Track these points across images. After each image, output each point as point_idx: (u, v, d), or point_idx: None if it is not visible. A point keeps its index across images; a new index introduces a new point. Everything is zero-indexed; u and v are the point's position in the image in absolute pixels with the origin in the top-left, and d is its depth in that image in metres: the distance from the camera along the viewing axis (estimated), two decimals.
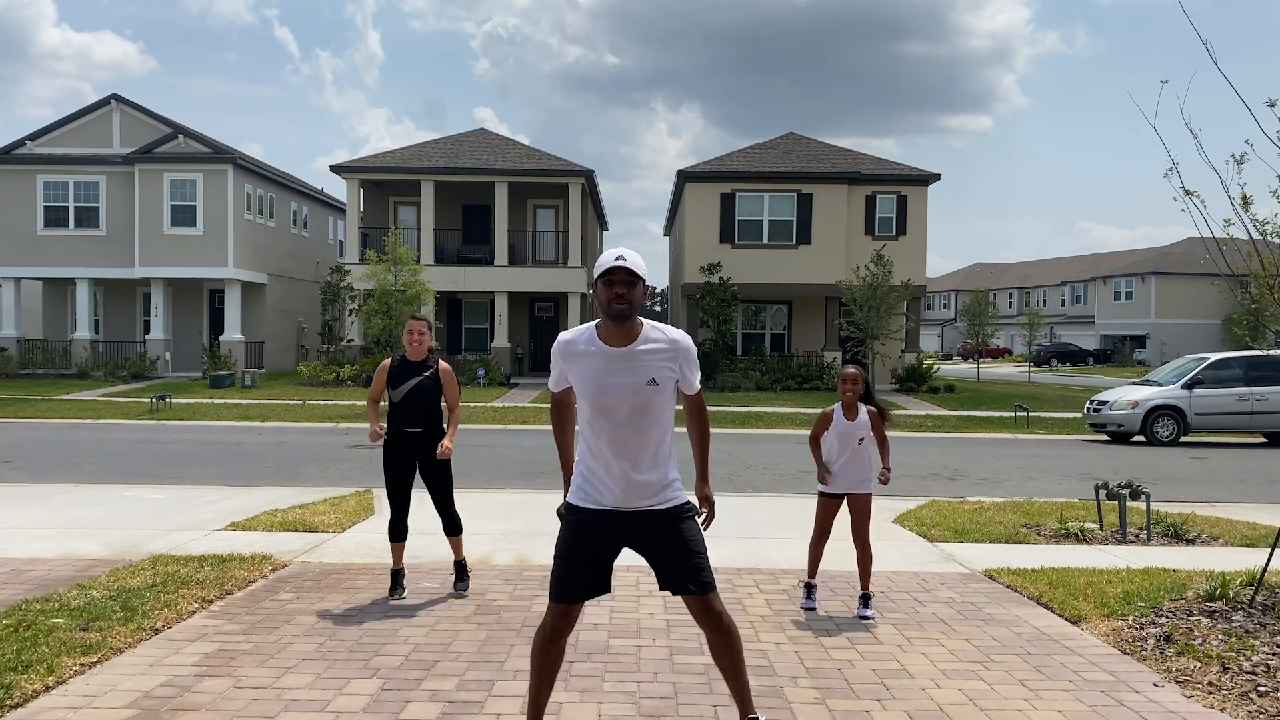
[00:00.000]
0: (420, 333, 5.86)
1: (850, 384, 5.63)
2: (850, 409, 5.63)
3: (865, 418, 5.62)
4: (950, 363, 55.73)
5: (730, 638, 3.46)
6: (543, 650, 3.45)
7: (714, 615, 3.41)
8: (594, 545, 3.40)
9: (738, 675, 3.51)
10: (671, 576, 3.41)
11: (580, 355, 3.36)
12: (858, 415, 5.62)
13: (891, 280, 25.74)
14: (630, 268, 3.25)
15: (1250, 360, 18.50)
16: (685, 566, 3.39)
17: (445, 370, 5.92)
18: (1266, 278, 6.18)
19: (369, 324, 22.64)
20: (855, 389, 5.63)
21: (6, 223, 28.70)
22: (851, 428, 5.61)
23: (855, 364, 5.81)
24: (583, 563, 3.39)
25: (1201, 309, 50.51)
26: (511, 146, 32.39)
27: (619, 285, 3.26)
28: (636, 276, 3.27)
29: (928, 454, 15.16)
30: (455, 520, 5.99)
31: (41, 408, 20.45)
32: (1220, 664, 4.61)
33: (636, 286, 3.28)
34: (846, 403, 5.64)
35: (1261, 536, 7.93)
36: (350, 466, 12.58)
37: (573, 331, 3.44)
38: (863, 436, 5.61)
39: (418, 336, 5.85)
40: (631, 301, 3.28)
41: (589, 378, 3.33)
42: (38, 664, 4.36)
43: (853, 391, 5.62)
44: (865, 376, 5.78)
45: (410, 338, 5.86)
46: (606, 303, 3.29)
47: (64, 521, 8.04)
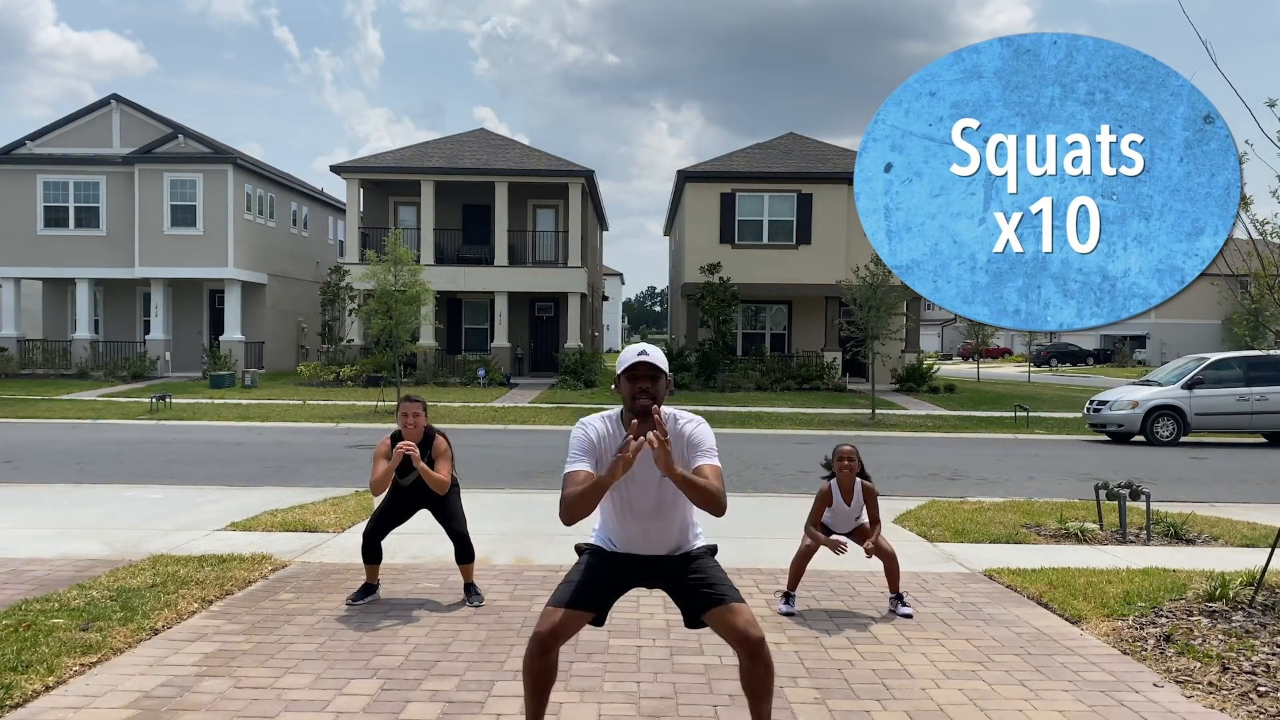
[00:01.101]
0: (415, 415, 5.65)
1: (847, 463, 5.63)
2: (847, 492, 5.67)
3: (860, 497, 5.68)
4: (950, 363, 55.72)
5: (767, 670, 3.36)
6: (531, 664, 3.37)
7: (753, 642, 3.31)
8: (608, 575, 3.54)
9: (763, 704, 3.42)
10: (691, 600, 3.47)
11: (605, 445, 3.41)
12: (854, 498, 5.67)
13: (891, 280, 25.71)
14: (654, 363, 3.31)
15: (1250, 360, 18.51)
16: (702, 585, 3.44)
17: (440, 449, 5.72)
18: (1266, 278, 6.18)
19: (369, 324, 22.61)
20: (853, 468, 5.65)
21: (6, 223, 28.69)
22: (849, 512, 5.69)
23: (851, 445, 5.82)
24: (596, 576, 3.51)
25: (1201, 309, 50.41)
26: (511, 146, 32.38)
27: (643, 380, 3.31)
28: (660, 371, 3.33)
29: (928, 454, 15.16)
30: (469, 549, 5.78)
31: (41, 408, 20.45)
32: (1220, 664, 4.61)
33: (659, 380, 3.33)
34: (844, 485, 5.66)
35: (1261, 536, 7.93)
36: (350, 466, 12.58)
37: (595, 419, 3.49)
38: (859, 515, 5.71)
39: (412, 420, 5.64)
40: (655, 396, 3.31)
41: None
42: (38, 664, 4.36)
43: (849, 469, 5.64)
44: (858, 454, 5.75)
45: (405, 421, 5.64)
46: (630, 398, 3.33)
47: (64, 521, 8.04)
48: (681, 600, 3.52)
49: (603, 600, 3.51)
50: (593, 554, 3.60)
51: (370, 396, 22.79)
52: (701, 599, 3.43)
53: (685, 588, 3.48)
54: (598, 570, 3.53)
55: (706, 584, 3.44)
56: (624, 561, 3.54)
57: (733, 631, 3.34)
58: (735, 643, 3.35)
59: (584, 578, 3.50)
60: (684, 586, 3.49)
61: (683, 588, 3.49)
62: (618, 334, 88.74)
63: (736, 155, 31.14)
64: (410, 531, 7.20)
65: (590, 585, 3.48)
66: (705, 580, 3.46)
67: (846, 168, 29.79)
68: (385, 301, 21.03)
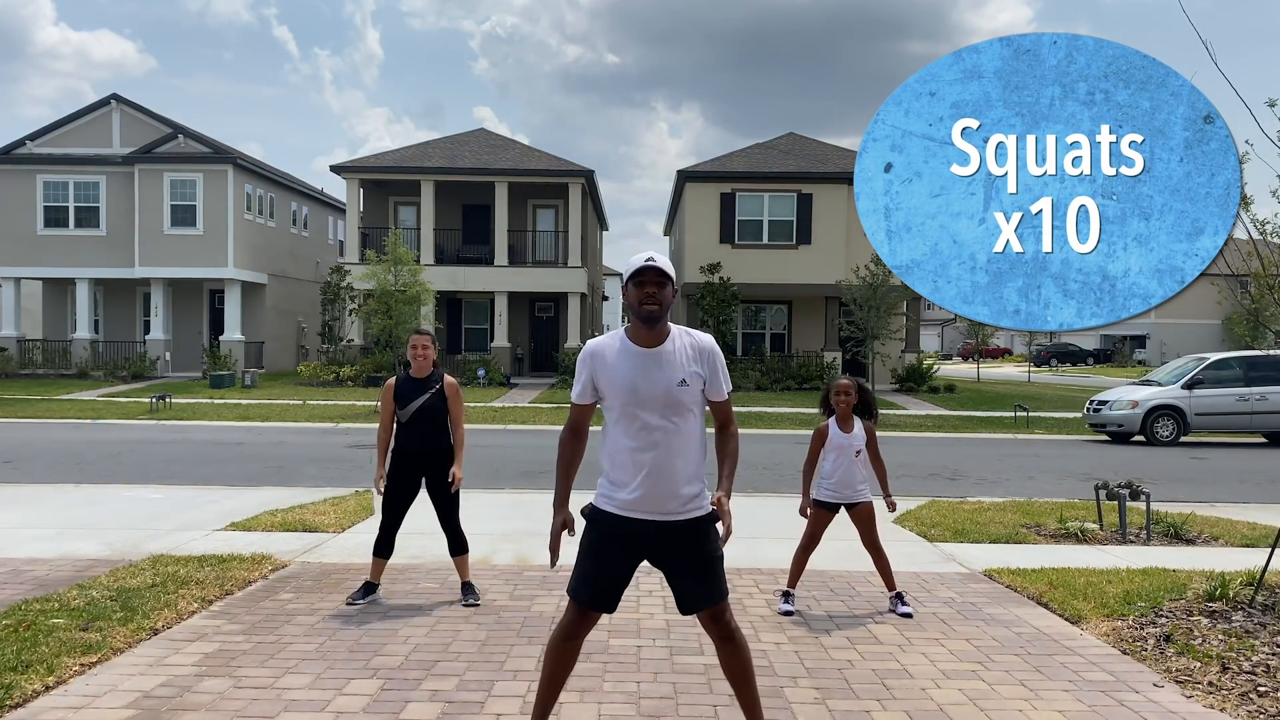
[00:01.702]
0: (424, 348, 5.68)
1: (844, 395, 5.60)
2: (845, 420, 5.62)
3: (861, 430, 5.62)
4: (950, 363, 55.72)
5: (740, 648, 3.45)
6: (556, 648, 3.45)
7: (723, 624, 3.42)
8: (616, 552, 3.42)
9: (748, 686, 3.48)
10: (690, 594, 3.43)
11: (609, 358, 3.37)
12: (853, 427, 5.62)
13: (891, 280, 25.74)
14: (661, 268, 3.28)
15: (1250, 360, 18.52)
16: (704, 581, 3.42)
17: (451, 386, 5.77)
18: (1266, 278, 6.18)
19: (369, 324, 22.65)
20: (850, 400, 5.61)
21: (6, 223, 28.70)
22: (848, 440, 5.61)
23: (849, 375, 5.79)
24: (603, 564, 3.43)
25: (1201, 309, 50.39)
26: (511, 146, 32.38)
27: (650, 285, 3.29)
28: (666, 277, 3.30)
29: (928, 454, 15.16)
30: (462, 539, 5.83)
31: (41, 408, 20.45)
32: (1220, 664, 4.61)
33: (666, 287, 3.30)
34: (841, 414, 5.62)
35: (1261, 536, 7.93)
36: (350, 466, 12.58)
37: (599, 338, 3.46)
38: (859, 449, 5.62)
39: (422, 352, 5.67)
40: (662, 302, 3.30)
41: (619, 378, 3.33)
42: (38, 664, 4.36)
43: (846, 402, 5.61)
44: (862, 384, 5.72)
45: (414, 353, 5.68)
46: (637, 304, 3.31)
47: (64, 521, 8.04)
48: (680, 588, 3.46)
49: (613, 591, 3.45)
50: (599, 529, 3.42)
51: (370, 396, 22.79)
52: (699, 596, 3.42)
53: (687, 578, 3.43)
54: (607, 556, 3.41)
55: (708, 585, 3.43)
56: (631, 530, 3.36)
57: (708, 618, 3.44)
58: (709, 626, 3.45)
59: (596, 570, 3.42)
60: (686, 576, 3.43)
61: (685, 577, 3.43)
62: None
63: (736, 155, 31.14)
64: (410, 531, 7.20)
65: (603, 580, 3.42)
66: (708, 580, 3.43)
67: (846, 168, 29.81)
68: (385, 301, 21.04)
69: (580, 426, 3.52)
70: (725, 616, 3.43)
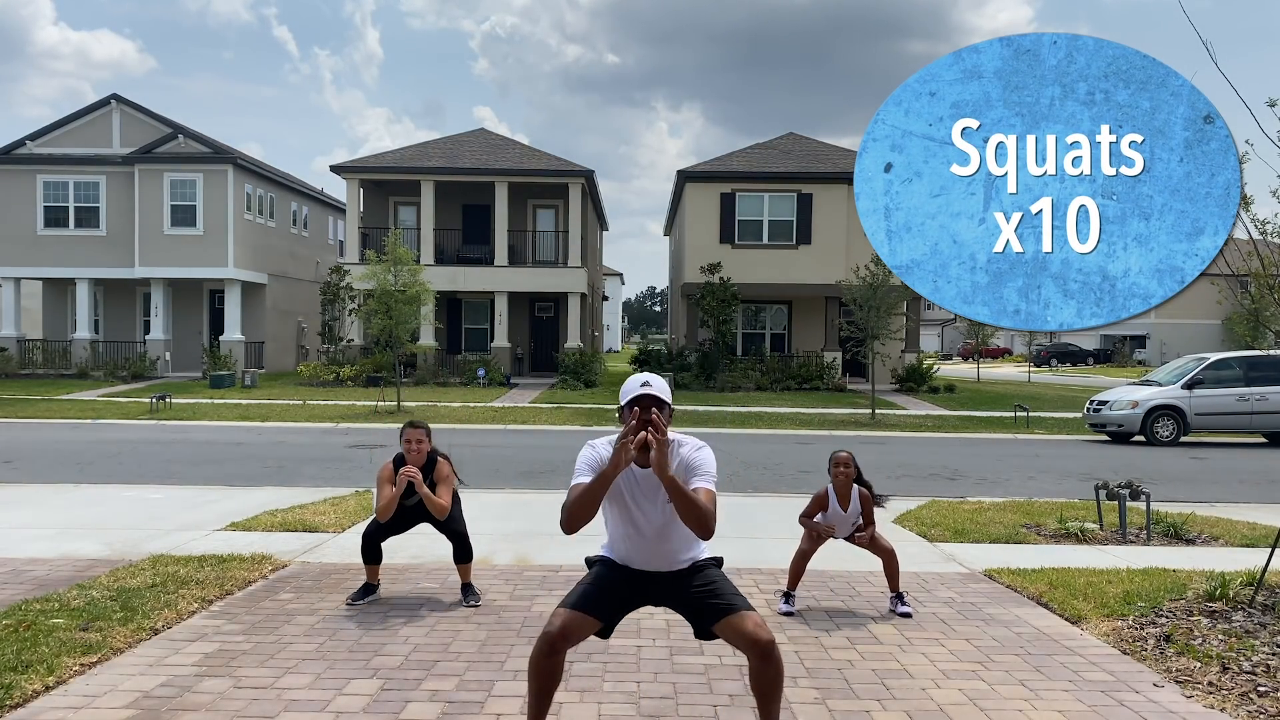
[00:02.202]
0: (419, 442, 5.64)
1: (843, 469, 5.60)
2: (844, 498, 5.65)
3: (858, 505, 5.67)
4: (950, 363, 55.71)
5: (778, 670, 3.38)
6: (539, 663, 3.39)
7: (763, 644, 3.32)
8: (620, 586, 3.57)
9: (773, 703, 3.44)
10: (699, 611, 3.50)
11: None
12: (850, 504, 5.66)
13: (891, 280, 25.72)
14: (656, 395, 3.34)
15: (1250, 360, 18.51)
16: (710, 595, 3.47)
17: (442, 474, 5.71)
18: (1266, 278, 6.18)
19: (369, 324, 22.62)
20: (849, 474, 5.62)
21: (6, 223, 28.69)
22: (844, 517, 5.68)
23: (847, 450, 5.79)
24: (608, 584, 3.55)
25: (1201, 309, 50.40)
26: (511, 146, 32.38)
27: (646, 413, 3.32)
28: (663, 403, 3.36)
29: (928, 454, 15.16)
30: (468, 549, 5.79)
31: (41, 408, 20.45)
32: (1220, 664, 4.61)
33: (663, 411, 3.35)
34: (840, 491, 5.64)
35: (1261, 536, 7.93)
36: (350, 466, 12.58)
37: (603, 442, 3.50)
38: (856, 521, 5.70)
39: (416, 447, 5.64)
40: (658, 427, 3.30)
41: (616, 495, 3.46)
42: (38, 664, 4.36)
43: (846, 476, 5.62)
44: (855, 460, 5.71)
45: (409, 448, 5.64)
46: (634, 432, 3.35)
47: (64, 521, 8.04)
48: (690, 613, 3.55)
49: (612, 610, 3.54)
50: (604, 564, 3.64)
51: (370, 396, 22.79)
52: (710, 610, 3.46)
53: (693, 600, 3.51)
54: (610, 579, 3.58)
55: (714, 595, 3.48)
56: (634, 575, 3.58)
57: (743, 636, 3.37)
58: (746, 647, 3.38)
59: (596, 585, 3.56)
60: (692, 599, 3.52)
61: (690, 601, 3.52)
62: (618, 334, 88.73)
63: (736, 155, 31.14)
64: (410, 531, 7.20)
65: (602, 592, 3.52)
66: (712, 592, 3.49)
67: (846, 168, 29.81)
68: (385, 301, 21.03)
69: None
70: (764, 636, 3.33)
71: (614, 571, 3.60)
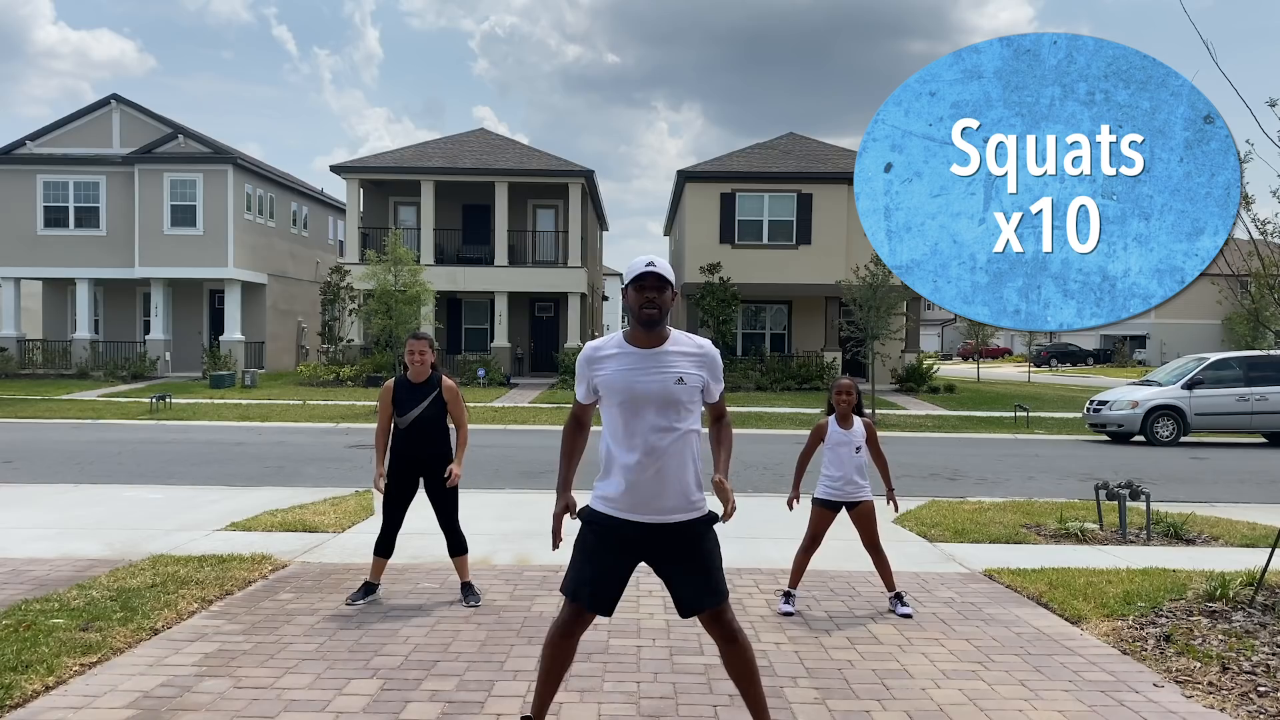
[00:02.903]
0: (421, 353, 5.61)
1: (845, 395, 5.68)
2: (845, 419, 5.68)
3: (860, 428, 5.66)
4: (950, 363, 55.71)
5: (743, 649, 3.47)
6: (553, 645, 3.48)
7: (725, 625, 3.43)
8: (612, 552, 3.42)
9: (753, 687, 3.49)
10: (689, 597, 3.43)
11: (608, 358, 3.42)
12: (853, 425, 5.67)
13: (891, 280, 25.73)
14: (660, 273, 3.34)
15: (1250, 360, 18.52)
16: (702, 582, 3.43)
17: (450, 389, 5.71)
18: (1266, 278, 6.18)
19: (369, 324, 22.65)
20: (851, 400, 5.68)
21: (6, 223, 28.69)
22: (848, 436, 5.66)
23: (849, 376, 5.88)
24: (599, 565, 3.42)
25: (1201, 309, 50.37)
26: (511, 146, 32.38)
27: (650, 290, 3.34)
28: (666, 282, 3.35)
29: (928, 454, 15.16)
30: (461, 539, 5.81)
31: (41, 408, 20.45)
32: (1220, 664, 4.61)
33: (666, 292, 3.35)
34: (842, 414, 5.68)
35: (1261, 536, 7.93)
36: (350, 466, 12.58)
37: (599, 340, 3.51)
38: (859, 445, 5.65)
39: (419, 357, 5.61)
40: (661, 306, 3.36)
41: (618, 378, 3.37)
42: (38, 664, 4.36)
43: (847, 402, 5.68)
44: (858, 386, 5.79)
45: (412, 358, 5.62)
46: (637, 307, 3.36)
47: (64, 521, 8.04)
48: (679, 591, 3.45)
49: (612, 594, 3.45)
50: (594, 531, 3.42)
51: (370, 397, 22.78)
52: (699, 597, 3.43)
53: (686, 580, 3.43)
54: (603, 557, 3.40)
55: (708, 587, 3.44)
56: (627, 532, 3.37)
57: (709, 620, 3.46)
58: (711, 628, 3.47)
59: (592, 571, 3.41)
60: (685, 578, 3.43)
61: (683, 579, 3.43)
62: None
63: (736, 155, 31.14)
64: (410, 531, 7.19)
65: (598, 581, 3.41)
66: (707, 581, 3.44)
67: (846, 168, 29.81)
68: (385, 301, 21.04)
69: (584, 418, 3.65)
70: (727, 617, 3.44)
71: (606, 541, 3.40)
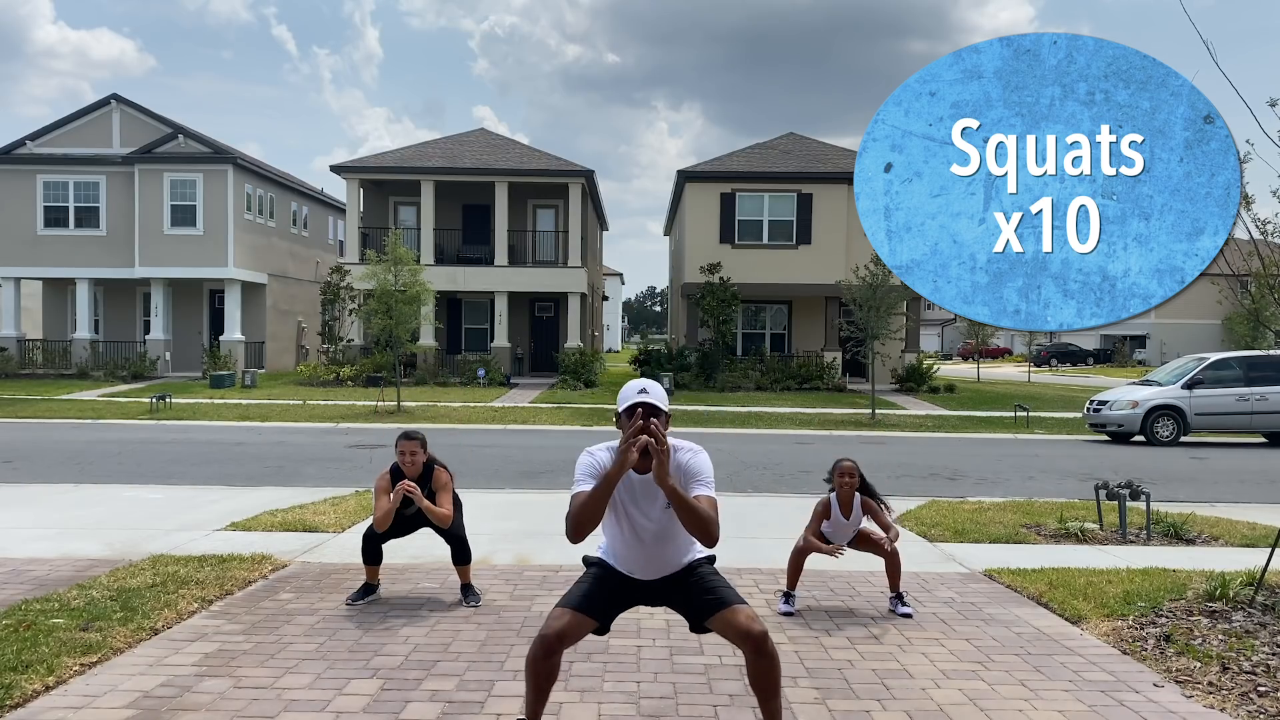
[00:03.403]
0: (413, 454, 5.62)
1: (848, 478, 5.60)
2: (846, 506, 5.65)
3: (859, 511, 5.66)
4: (950, 363, 55.70)
5: (773, 663, 3.40)
6: (535, 664, 3.41)
7: (756, 637, 3.35)
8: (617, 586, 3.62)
9: (771, 700, 3.47)
10: (695, 607, 3.54)
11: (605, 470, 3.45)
12: (853, 512, 5.65)
13: (891, 280, 25.73)
14: (653, 403, 3.36)
15: (1250, 360, 18.52)
16: (705, 592, 3.51)
17: (440, 482, 5.69)
18: (1266, 277, 6.18)
19: (369, 324, 22.62)
20: (853, 483, 5.61)
21: (6, 223, 28.68)
22: (846, 524, 5.67)
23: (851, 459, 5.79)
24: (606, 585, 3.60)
25: (1201, 309, 50.37)
26: (511, 146, 32.37)
27: (642, 419, 3.33)
28: (659, 410, 3.37)
29: (928, 454, 15.16)
30: (466, 550, 5.80)
31: (41, 408, 20.44)
32: (1220, 664, 4.61)
33: (659, 419, 3.36)
34: (843, 499, 5.64)
35: (1261, 536, 7.93)
36: (350, 466, 12.58)
37: (601, 448, 3.51)
38: (858, 529, 5.69)
39: (410, 458, 5.61)
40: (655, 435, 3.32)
41: (614, 502, 3.48)
42: (38, 664, 4.36)
43: (849, 485, 5.61)
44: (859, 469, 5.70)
45: (404, 459, 5.62)
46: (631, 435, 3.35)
47: (64, 521, 8.04)
48: (684, 609, 3.62)
49: (608, 609, 3.60)
50: (601, 566, 3.68)
51: (370, 396, 22.78)
52: (703, 605, 3.50)
53: (687, 596, 3.58)
54: (606, 581, 3.63)
55: (707, 590, 3.51)
56: (633, 582, 3.65)
57: (735, 630, 3.39)
58: (739, 640, 3.40)
59: (593, 586, 3.60)
60: (686, 595, 3.58)
61: (684, 597, 3.58)
62: (618, 334, 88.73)
63: (736, 155, 31.13)
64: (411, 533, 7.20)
65: (598, 594, 3.57)
66: (705, 586, 3.54)
67: (846, 168, 29.81)
68: (385, 301, 21.03)
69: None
70: (757, 628, 3.36)
71: (612, 574, 3.65)
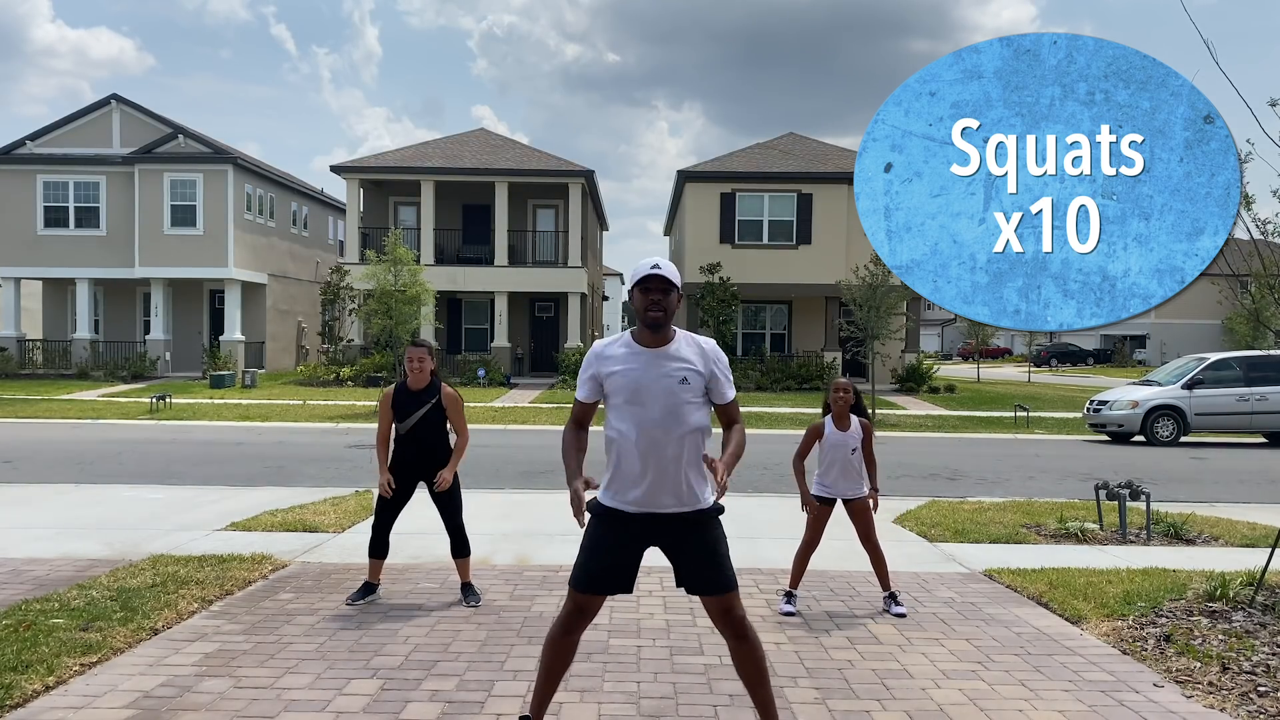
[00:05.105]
0: (420, 360, 5.58)
1: (842, 393, 5.62)
2: (842, 419, 5.64)
3: (857, 428, 5.63)
4: (950, 363, 55.71)
5: (753, 646, 3.45)
6: (554, 642, 3.48)
7: (735, 620, 3.42)
8: (620, 543, 3.45)
9: (762, 689, 3.48)
10: (690, 577, 3.46)
11: (614, 358, 3.44)
12: (850, 426, 5.63)
13: (891, 280, 25.72)
14: (665, 275, 3.35)
15: (1250, 360, 18.52)
16: (705, 567, 3.44)
17: (450, 397, 5.67)
18: (1266, 277, 6.18)
19: (369, 324, 22.63)
20: (847, 398, 5.63)
21: (6, 223, 28.68)
22: (844, 438, 5.63)
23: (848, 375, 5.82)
24: (607, 556, 3.45)
25: (1201, 309, 50.34)
26: (511, 146, 32.38)
27: (654, 292, 3.36)
28: (671, 284, 3.36)
29: (928, 454, 15.16)
30: (465, 542, 5.80)
31: (41, 408, 20.44)
32: (1220, 664, 4.61)
33: (671, 294, 3.37)
34: (838, 413, 5.64)
35: (1261, 536, 7.93)
36: (350, 466, 12.57)
37: (606, 339, 3.52)
38: (855, 447, 5.63)
39: (418, 364, 5.57)
40: (666, 309, 3.37)
41: (623, 377, 3.40)
42: (38, 664, 4.36)
43: (844, 401, 5.63)
44: (856, 386, 5.75)
45: (411, 366, 5.59)
46: (643, 310, 3.38)
47: (64, 521, 8.04)
48: (683, 569, 3.46)
49: (621, 580, 3.46)
50: (603, 522, 3.46)
51: (370, 396, 22.78)
52: (703, 581, 3.43)
53: (692, 561, 3.44)
54: (612, 542, 3.43)
55: (714, 572, 3.42)
56: (635, 526, 3.42)
57: (718, 612, 3.44)
58: (719, 622, 3.46)
59: (599, 559, 3.44)
60: (691, 559, 3.44)
61: (689, 560, 3.44)
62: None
63: (736, 155, 31.13)
64: (411, 531, 7.21)
65: (605, 568, 3.44)
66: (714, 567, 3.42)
67: (847, 168, 29.80)
68: (385, 301, 21.02)
69: (583, 420, 3.58)
70: (738, 613, 3.42)
71: (614, 531, 3.43)
